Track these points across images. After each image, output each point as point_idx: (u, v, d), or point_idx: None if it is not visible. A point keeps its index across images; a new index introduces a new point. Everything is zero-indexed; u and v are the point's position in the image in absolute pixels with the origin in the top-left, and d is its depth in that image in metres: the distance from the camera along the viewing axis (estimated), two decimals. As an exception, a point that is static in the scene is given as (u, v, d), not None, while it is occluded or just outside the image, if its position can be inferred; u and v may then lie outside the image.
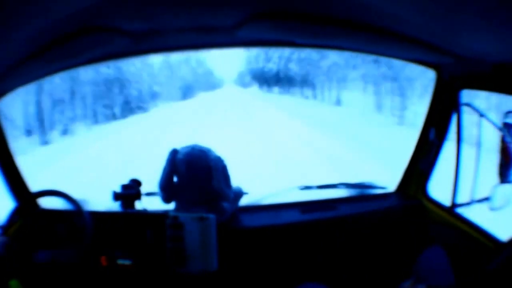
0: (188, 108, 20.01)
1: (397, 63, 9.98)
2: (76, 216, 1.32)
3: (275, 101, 20.73)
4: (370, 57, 11.34)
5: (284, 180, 4.86)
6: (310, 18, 0.95)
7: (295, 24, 0.99)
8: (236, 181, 1.46)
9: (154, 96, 20.85)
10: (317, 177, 5.38)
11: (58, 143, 11.96)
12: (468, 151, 1.37)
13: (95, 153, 9.31)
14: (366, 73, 13.88)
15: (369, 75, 13.72)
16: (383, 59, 10.50)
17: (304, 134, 9.90)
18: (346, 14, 0.92)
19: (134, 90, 18.17)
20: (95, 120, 15.98)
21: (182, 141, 1.50)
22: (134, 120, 16.37)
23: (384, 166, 5.67)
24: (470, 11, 0.70)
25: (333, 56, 15.38)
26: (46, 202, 1.49)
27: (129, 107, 17.75)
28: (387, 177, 1.88)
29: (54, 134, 13.00)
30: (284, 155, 7.32)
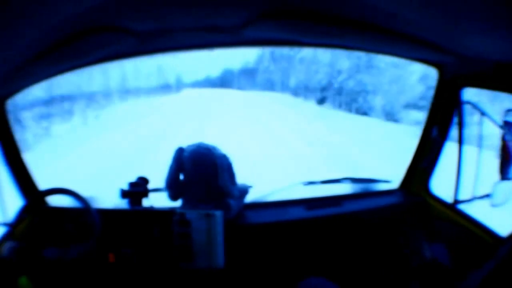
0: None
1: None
2: (84, 213, 1.33)
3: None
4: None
5: (288, 176, 4.87)
6: (315, 18, 0.97)
7: (301, 24, 1.01)
8: (241, 178, 1.48)
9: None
10: (322, 173, 5.42)
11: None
12: (469, 149, 1.39)
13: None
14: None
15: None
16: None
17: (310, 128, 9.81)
18: (351, 13, 0.93)
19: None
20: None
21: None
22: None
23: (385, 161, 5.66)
24: (472, 10, 0.71)
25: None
26: (54, 200, 1.50)
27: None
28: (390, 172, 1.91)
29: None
30: (288, 151, 7.30)
